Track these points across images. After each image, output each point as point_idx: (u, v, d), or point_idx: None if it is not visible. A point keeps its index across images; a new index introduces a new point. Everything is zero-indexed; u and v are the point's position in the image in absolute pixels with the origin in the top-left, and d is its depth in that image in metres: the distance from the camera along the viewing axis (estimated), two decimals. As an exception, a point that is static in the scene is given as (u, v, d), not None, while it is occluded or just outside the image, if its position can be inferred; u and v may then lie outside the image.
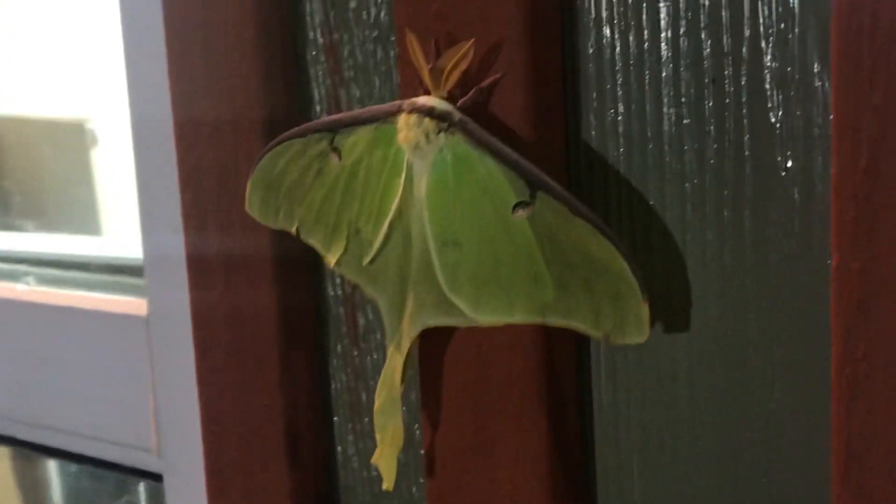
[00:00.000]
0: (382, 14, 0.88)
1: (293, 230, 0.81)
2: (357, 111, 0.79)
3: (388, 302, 0.78)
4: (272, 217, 0.82)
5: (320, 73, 0.92)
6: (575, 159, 0.75)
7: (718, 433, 0.75)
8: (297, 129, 0.83)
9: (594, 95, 0.77)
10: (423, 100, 0.71)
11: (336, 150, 0.76)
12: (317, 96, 0.88)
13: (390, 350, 0.78)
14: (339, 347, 0.98)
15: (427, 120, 0.70)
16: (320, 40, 0.92)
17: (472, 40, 0.74)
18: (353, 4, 0.89)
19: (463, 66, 0.74)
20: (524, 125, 0.76)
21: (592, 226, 0.68)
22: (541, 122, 0.76)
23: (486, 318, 0.73)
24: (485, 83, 0.76)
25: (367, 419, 0.96)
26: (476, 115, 0.75)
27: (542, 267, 0.70)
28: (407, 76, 0.80)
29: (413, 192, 0.73)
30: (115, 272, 1.27)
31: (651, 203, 0.72)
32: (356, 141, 0.75)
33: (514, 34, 0.74)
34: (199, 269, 1.00)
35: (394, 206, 0.74)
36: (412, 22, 0.78)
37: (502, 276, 0.71)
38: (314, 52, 0.93)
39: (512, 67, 0.75)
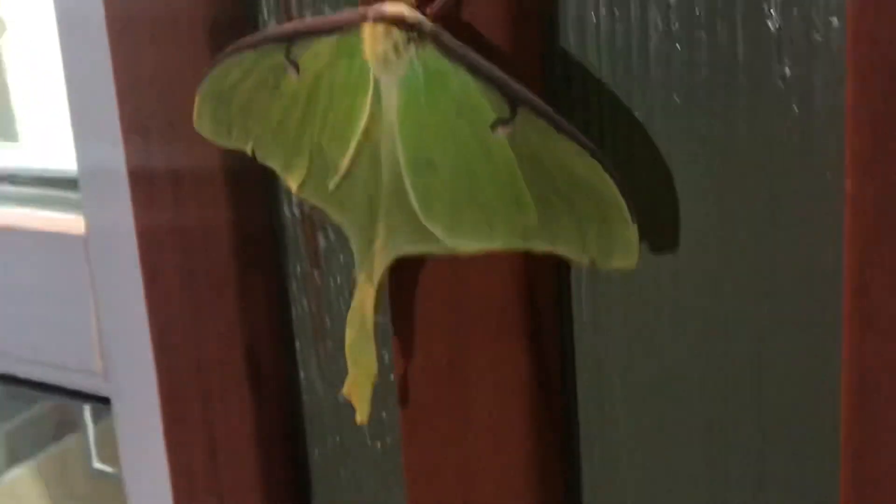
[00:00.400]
0: None
1: (248, 150, 0.75)
2: (316, 20, 0.73)
3: (357, 229, 0.74)
4: (224, 134, 0.76)
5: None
6: (552, 70, 0.70)
7: (705, 359, 0.72)
8: (249, 38, 0.76)
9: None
10: (390, 7, 0.65)
11: (293, 63, 0.70)
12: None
13: (360, 280, 0.74)
14: (298, 269, 0.93)
15: (395, 30, 0.64)
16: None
17: (437, -53, 0.67)
18: None
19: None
20: (497, 33, 0.70)
21: (578, 144, 0.63)
22: (515, 30, 0.70)
23: (464, 244, 0.69)
24: (455, -12, 0.70)
25: (330, 343, 0.92)
26: (445, 23, 0.69)
27: (523, 189, 0.65)
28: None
29: (382, 110, 0.68)
30: (43, 185, 1.19)
31: (636, 116, 0.67)
32: (316, 54, 0.69)
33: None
34: (144, 185, 0.94)
35: (361, 126, 0.69)
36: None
37: (481, 199, 0.67)
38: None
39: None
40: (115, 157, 0.99)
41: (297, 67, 0.70)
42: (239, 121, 0.74)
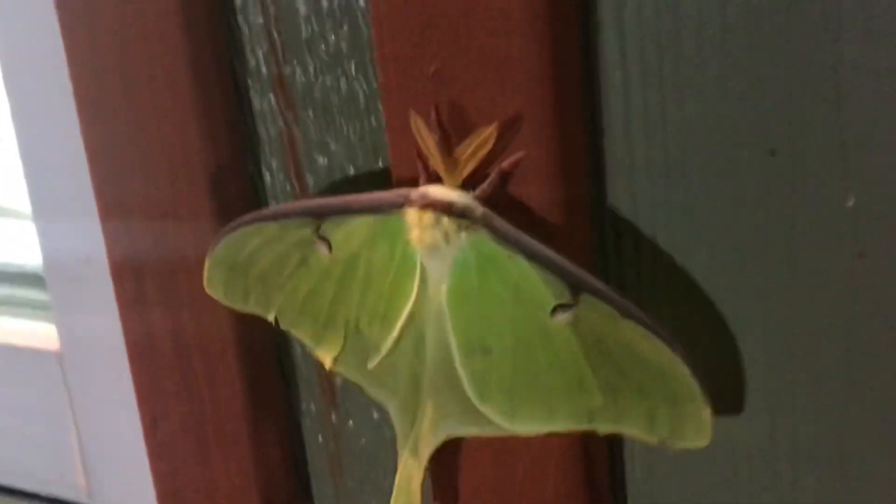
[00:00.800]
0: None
1: (269, 318, 0.72)
2: (349, 198, 0.68)
3: (399, 406, 0.71)
4: (240, 300, 0.74)
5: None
6: (602, 243, 0.68)
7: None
8: (269, 210, 0.71)
9: (626, 166, 0.67)
10: (436, 192, 0.62)
11: (324, 239, 0.67)
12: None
13: (404, 456, 0.70)
14: (312, 407, 0.88)
15: (446, 219, 0.61)
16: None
17: (496, 125, 0.63)
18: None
19: (482, 153, 0.64)
20: (547, 208, 0.66)
21: (646, 328, 0.61)
22: (566, 205, 0.66)
23: (523, 427, 0.66)
24: (505, 164, 0.66)
25: (350, 483, 0.88)
26: (493, 199, 0.65)
27: (587, 372, 0.63)
28: (399, 151, 0.68)
29: (428, 293, 0.65)
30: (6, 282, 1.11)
31: (686, 268, 0.65)
32: (350, 233, 0.66)
33: (536, 103, 0.63)
34: (128, 284, 0.86)
35: (406, 310, 0.66)
36: (405, 85, 0.66)
37: (541, 384, 0.65)
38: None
39: (534, 143, 0.64)
40: (89, 247, 0.91)
41: (328, 244, 0.67)
42: (258, 289, 0.72)
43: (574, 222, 0.66)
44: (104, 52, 0.81)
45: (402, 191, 0.63)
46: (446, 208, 0.62)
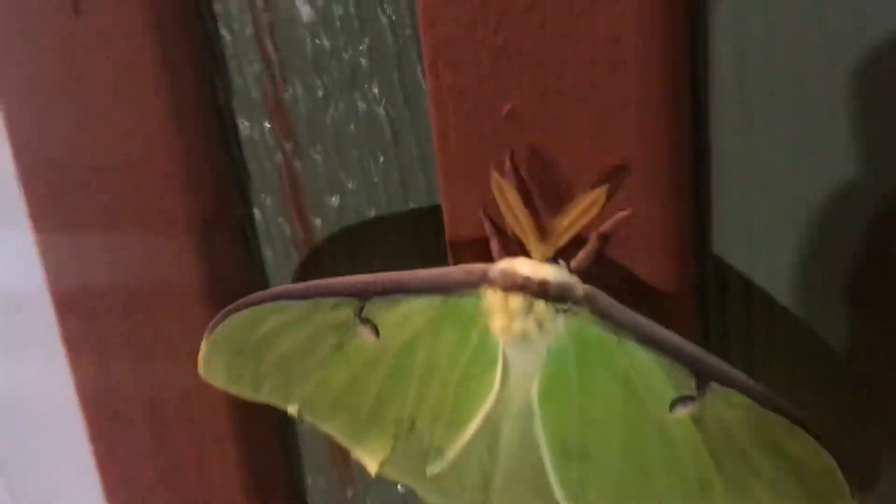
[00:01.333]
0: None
1: (292, 411, 0.62)
2: (405, 276, 0.54)
3: None
4: (248, 387, 0.63)
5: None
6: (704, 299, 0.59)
7: None
8: (294, 287, 0.57)
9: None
10: (525, 268, 0.53)
11: (368, 322, 0.57)
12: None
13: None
14: (320, 482, 0.75)
15: (541, 304, 0.52)
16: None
17: (606, 187, 0.49)
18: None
19: (586, 220, 0.51)
20: (651, 276, 0.54)
21: (790, 420, 0.52)
22: (672, 271, 0.54)
23: (628, 536, 0.58)
24: (607, 226, 0.52)
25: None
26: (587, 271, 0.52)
27: (710, 472, 0.54)
28: (457, 204, 0.54)
29: (510, 388, 0.56)
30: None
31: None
32: (407, 316, 0.56)
33: (647, 152, 0.50)
34: None
35: (483, 411, 0.56)
36: (467, 126, 0.52)
37: (652, 489, 0.56)
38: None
39: (641, 199, 0.51)
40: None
41: (373, 328, 0.57)
42: (275, 378, 0.62)
43: (678, 289, 0.54)
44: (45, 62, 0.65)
45: (477, 267, 0.54)
46: (541, 290, 0.52)
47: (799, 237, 0.55)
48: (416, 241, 0.65)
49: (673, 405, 0.53)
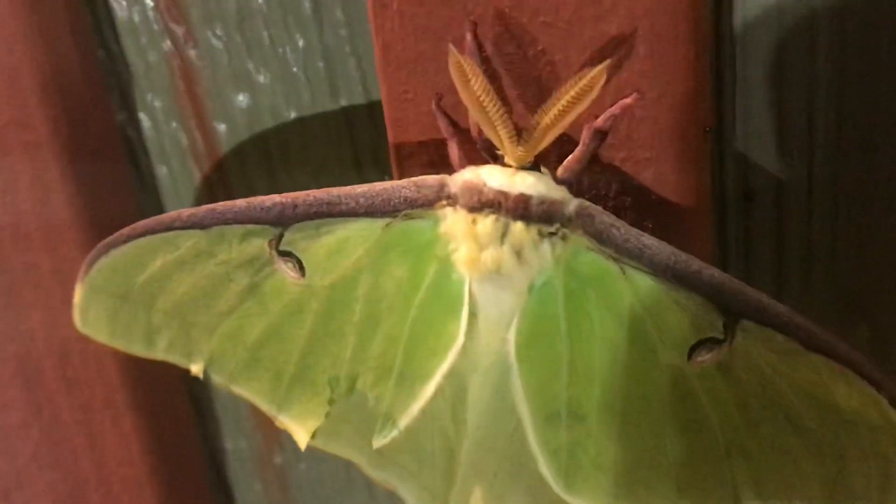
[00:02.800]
0: None
1: (195, 369, 0.53)
2: (336, 192, 0.42)
3: (419, 491, 0.53)
4: (139, 341, 0.53)
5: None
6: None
7: None
8: (188, 212, 0.47)
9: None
10: (496, 180, 0.43)
11: (290, 256, 0.47)
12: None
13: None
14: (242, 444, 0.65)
15: (519, 227, 0.42)
16: None
17: (604, 66, 0.37)
18: None
19: (575, 112, 0.39)
20: (658, 177, 0.43)
21: (844, 365, 0.44)
22: (689, 178, 0.43)
23: (636, 526, 0.50)
24: (601, 120, 0.41)
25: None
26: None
27: (741, 435, 0.46)
28: (398, 96, 0.43)
29: (479, 338, 0.46)
30: None
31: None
32: (340, 247, 0.47)
33: (650, 14, 0.39)
34: None
35: (444, 366, 0.47)
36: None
37: (667, 458, 0.47)
38: None
39: (645, 81, 0.40)
40: None
41: (297, 263, 0.47)
42: (173, 329, 0.52)
43: (694, 201, 0.44)
44: None
45: (431, 180, 0.44)
46: (518, 208, 0.42)
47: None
48: (350, 149, 0.56)
49: (693, 350, 0.44)
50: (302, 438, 0.51)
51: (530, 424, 0.47)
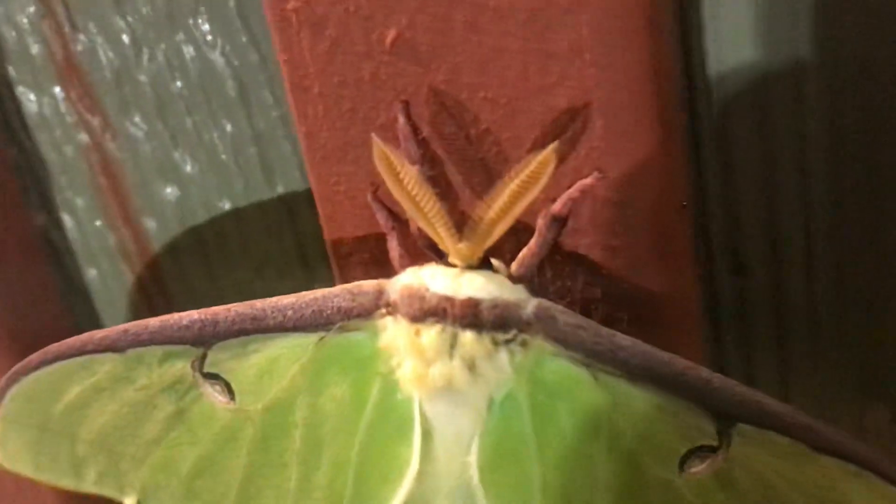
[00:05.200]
0: None
1: (128, 502, 0.49)
2: (260, 305, 0.38)
3: None
4: (67, 474, 0.49)
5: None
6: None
7: None
8: (100, 335, 0.43)
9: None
10: (439, 283, 0.39)
11: (216, 379, 0.43)
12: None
13: None
14: None
15: (468, 337, 0.37)
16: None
17: (555, 146, 0.33)
18: None
19: (527, 199, 0.35)
20: (632, 266, 0.39)
21: (858, 465, 0.40)
22: (668, 268, 0.39)
23: None
24: (559, 205, 0.37)
25: None
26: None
27: None
28: (330, 193, 0.39)
29: (437, 462, 0.42)
30: None
31: None
32: (270, 367, 0.42)
33: (607, 85, 0.35)
34: None
35: (402, 495, 0.42)
36: (338, 66, 0.36)
37: None
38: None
39: (608, 158, 0.36)
40: None
41: (224, 386, 0.43)
42: (101, 460, 0.48)
43: (676, 287, 0.40)
44: None
45: (368, 287, 0.40)
46: (467, 315, 0.38)
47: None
48: (293, 240, 0.52)
49: (684, 462, 0.40)
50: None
51: (501, 555, 0.43)
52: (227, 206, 0.52)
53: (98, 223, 0.54)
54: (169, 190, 0.52)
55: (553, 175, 0.40)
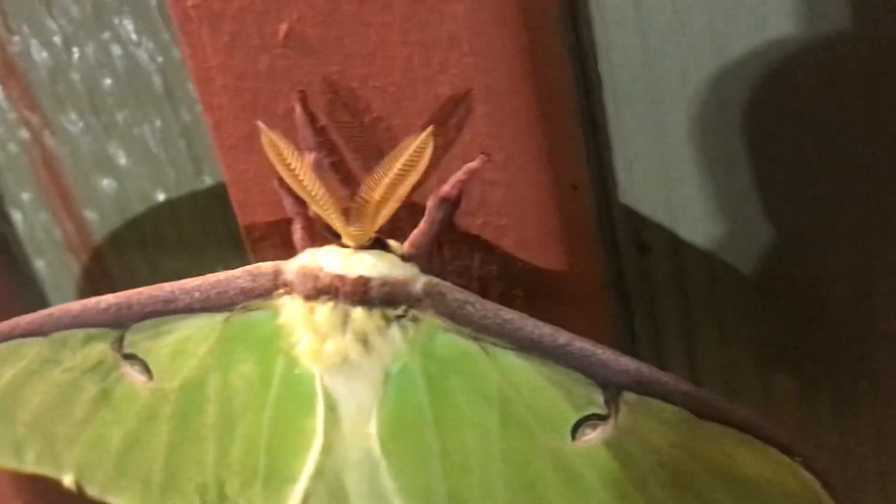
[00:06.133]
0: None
1: (66, 481, 0.50)
2: (169, 288, 0.40)
3: None
4: (9, 455, 0.50)
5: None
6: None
7: None
8: (23, 320, 0.45)
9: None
10: (332, 262, 0.40)
11: (135, 359, 0.44)
12: None
13: None
14: None
15: (359, 313, 0.39)
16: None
17: (431, 128, 0.35)
18: None
19: (410, 182, 0.36)
20: (525, 243, 0.40)
21: (741, 432, 0.41)
22: (562, 240, 0.41)
23: None
24: (448, 187, 0.38)
25: None
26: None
27: None
28: (240, 175, 0.40)
29: (343, 433, 0.43)
30: None
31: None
32: (182, 346, 0.44)
33: (488, 72, 0.36)
34: None
35: (309, 466, 0.44)
36: (237, 60, 0.38)
37: None
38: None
39: (491, 141, 0.37)
40: None
41: (144, 367, 0.44)
42: (38, 441, 0.49)
43: (573, 263, 0.41)
44: None
45: (266, 268, 0.41)
46: (357, 292, 0.39)
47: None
48: (225, 228, 0.53)
49: (576, 430, 0.41)
50: (176, 555, 0.49)
51: (406, 520, 0.44)
52: (161, 197, 0.53)
53: (43, 216, 0.56)
54: (106, 182, 0.54)
55: (443, 160, 0.42)
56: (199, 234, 0.53)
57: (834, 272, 0.46)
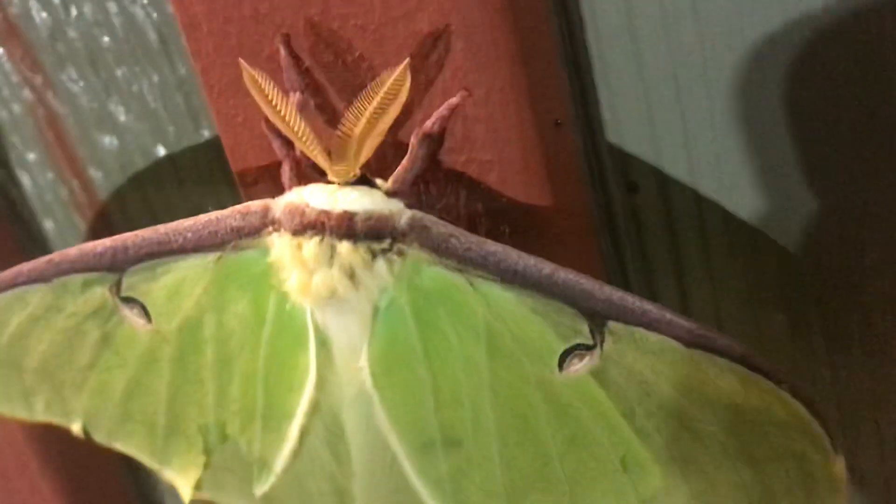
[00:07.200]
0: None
1: (75, 429, 0.51)
2: (162, 230, 0.41)
3: None
4: (20, 405, 0.51)
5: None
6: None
7: None
8: (26, 267, 0.45)
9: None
10: (318, 198, 0.41)
11: (133, 302, 0.45)
12: None
13: None
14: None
15: (345, 245, 0.39)
16: None
17: (407, 61, 0.36)
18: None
19: (391, 116, 0.37)
20: (515, 184, 0.41)
21: (730, 360, 0.41)
22: (547, 173, 0.41)
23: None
24: (431, 123, 0.39)
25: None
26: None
27: (633, 445, 0.43)
28: (229, 120, 0.41)
29: (336, 368, 0.43)
30: None
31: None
32: (178, 287, 0.44)
33: (467, 6, 0.37)
34: None
35: (303, 402, 0.44)
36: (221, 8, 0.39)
37: (560, 477, 0.44)
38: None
39: (475, 76, 0.38)
40: None
41: (142, 309, 0.45)
42: (46, 389, 0.50)
43: (558, 199, 0.42)
44: None
45: (255, 206, 0.42)
46: (342, 226, 0.40)
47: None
48: (224, 181, 0.53)
49: (563, 360, 0.42)
50: (185, 491, 0.49)
51: (405, 455, 0.45)
52: (161, 152, 0.54)
53: (50, 176, 0.57)
54: (108, 140, 0.55)
55: (426, 97, 0.42)
56: (200, 189, 0.54)
57: (822, 206, 0.46)
